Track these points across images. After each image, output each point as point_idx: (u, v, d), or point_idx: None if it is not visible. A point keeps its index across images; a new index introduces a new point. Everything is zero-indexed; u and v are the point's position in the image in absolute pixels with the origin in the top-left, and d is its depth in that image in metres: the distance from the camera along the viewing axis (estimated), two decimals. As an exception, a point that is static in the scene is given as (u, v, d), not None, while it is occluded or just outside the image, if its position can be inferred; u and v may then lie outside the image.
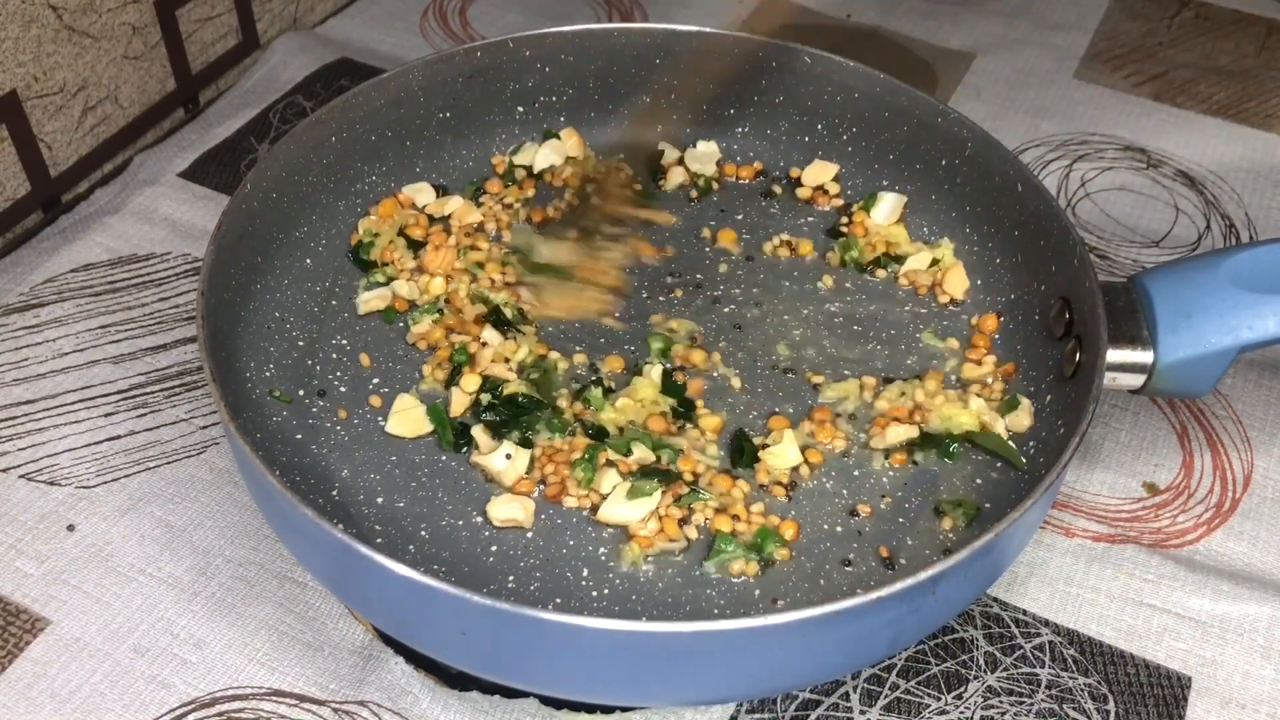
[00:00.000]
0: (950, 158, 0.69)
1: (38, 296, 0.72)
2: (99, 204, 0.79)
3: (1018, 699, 0.56)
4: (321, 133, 0.67)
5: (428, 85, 0.70)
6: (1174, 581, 0.61)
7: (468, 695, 0.55)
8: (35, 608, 0.58)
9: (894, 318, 0.66)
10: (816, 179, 0.73)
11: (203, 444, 0.65)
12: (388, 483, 0.58)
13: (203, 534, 0.61)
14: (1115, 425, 0.68)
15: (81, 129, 0.80)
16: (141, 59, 0.83)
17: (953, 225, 0.70)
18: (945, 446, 0.60)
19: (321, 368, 0.63)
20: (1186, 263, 0.59)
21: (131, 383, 0.68)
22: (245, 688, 0.55)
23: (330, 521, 0.47)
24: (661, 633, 0.46)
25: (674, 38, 0.73)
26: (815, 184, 0.73)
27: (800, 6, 0.99)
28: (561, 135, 0.74)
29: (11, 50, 0.73)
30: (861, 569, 0.55)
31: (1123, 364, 0.58)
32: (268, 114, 0.85)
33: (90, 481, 0.63)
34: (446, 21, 0.97)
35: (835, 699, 0.56)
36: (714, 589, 0.54)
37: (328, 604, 0.59)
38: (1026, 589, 0.60)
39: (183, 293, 0.73)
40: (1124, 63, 0.95)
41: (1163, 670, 0.58)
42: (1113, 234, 0.80)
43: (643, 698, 0.53)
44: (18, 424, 0.65)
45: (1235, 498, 0.65)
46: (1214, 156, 0.86)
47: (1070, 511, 0.64)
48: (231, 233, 0.60)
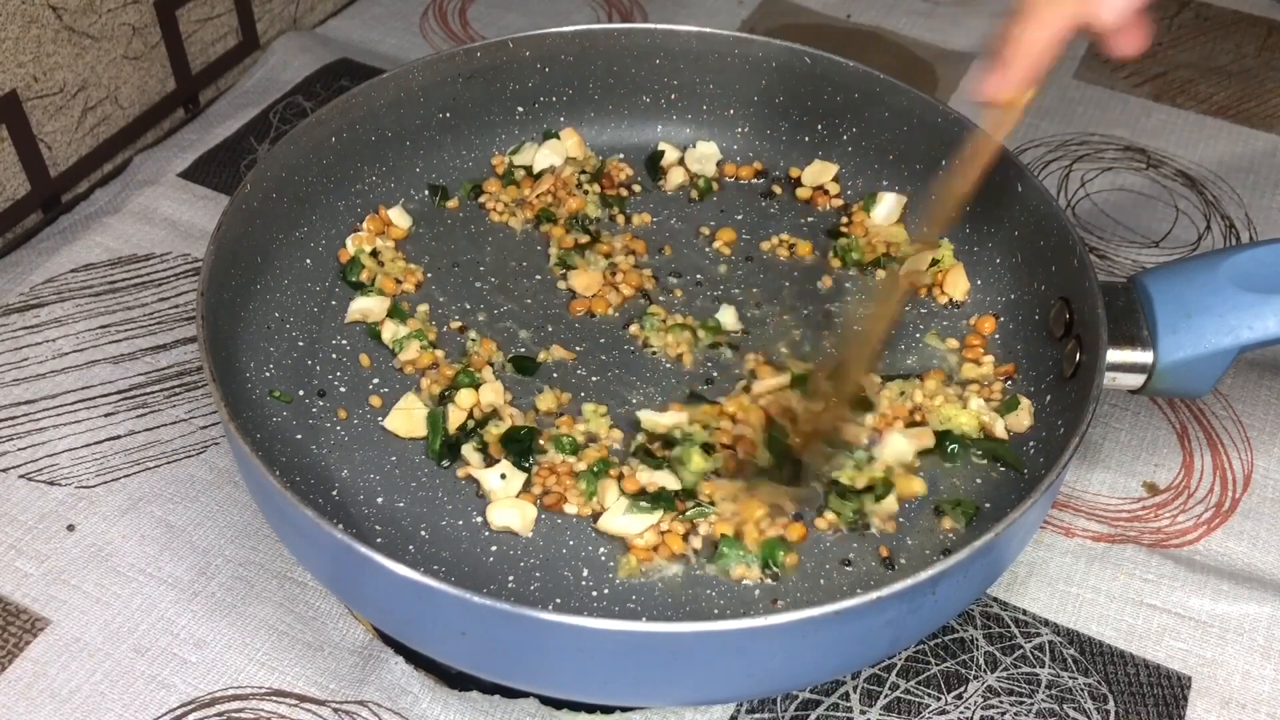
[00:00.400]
0: (950, 158, 0.69)
1: (38, 296, 0.72)
2: (99, 204, 0.79)
3: (1018, 699, 0.56)
4: (321, 133, 0.67)
5: (428, 85, 0.70)
6: (1174, 581, 0.61)
7: (468, 695, 0.55)
8: (35, 608, 0.58)
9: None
10: (816, 179, 0.73)
11: (203, 444, 0.65)
12: (388, 483, 0.58)
13: (203, 534, 0.61)
14: (1115, 425, 0.68)
15: (81, 129, 0.80)
16: (141, 59, 0.83)
17: (953, 225, 0.70)
18: (945, 448, 0.60)
19: (321, 368, 0.62)
20: (1186, 263, 0.59)
21: (131, 383, 0.68)
22: (245, 688, 0.55)
23: (330, 521, 0.47)
24: (661, 633, 0.46)
25: (674, 38, 0.73)
26: (815, 184, 0.73)
27: (800, 6, 0.99)
28: (561, 135, 0.74)
29: (11, 50, 0.73)
30: (861, 569, 0.55)
31: (1123, 364, 0.58)
32: (268, 114, 0.85)
33: (90, 481, 0.63)
34: (446, 21, 0.97)
35: (835, 699, 0.56)
36: (714, 589, 0.54)
37: (328, 604, 0.59)
38: (1026, 589, 0.60)
39: (183, 293, 0.73)
40: (1124, 63, 0.95)
41: (1163, 670, 0.58)
42: (1113, 234, 0.80)
43: (643, 698, 0.53)
44: (18, 424, 0.65)
45: (1235, 498, 0.65)
46: (1214, 156, 0.86)
47: (1070, 511, 0.64)
48: (231, 233, 0.60)
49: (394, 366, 0.63)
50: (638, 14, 0.99)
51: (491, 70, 0.72)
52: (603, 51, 0.73)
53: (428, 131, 0.72)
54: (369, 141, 0.70)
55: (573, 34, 0.72)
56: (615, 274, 0.67)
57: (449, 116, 0.72)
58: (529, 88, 0.74)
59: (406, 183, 0.72)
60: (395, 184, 0.71)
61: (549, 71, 0.73)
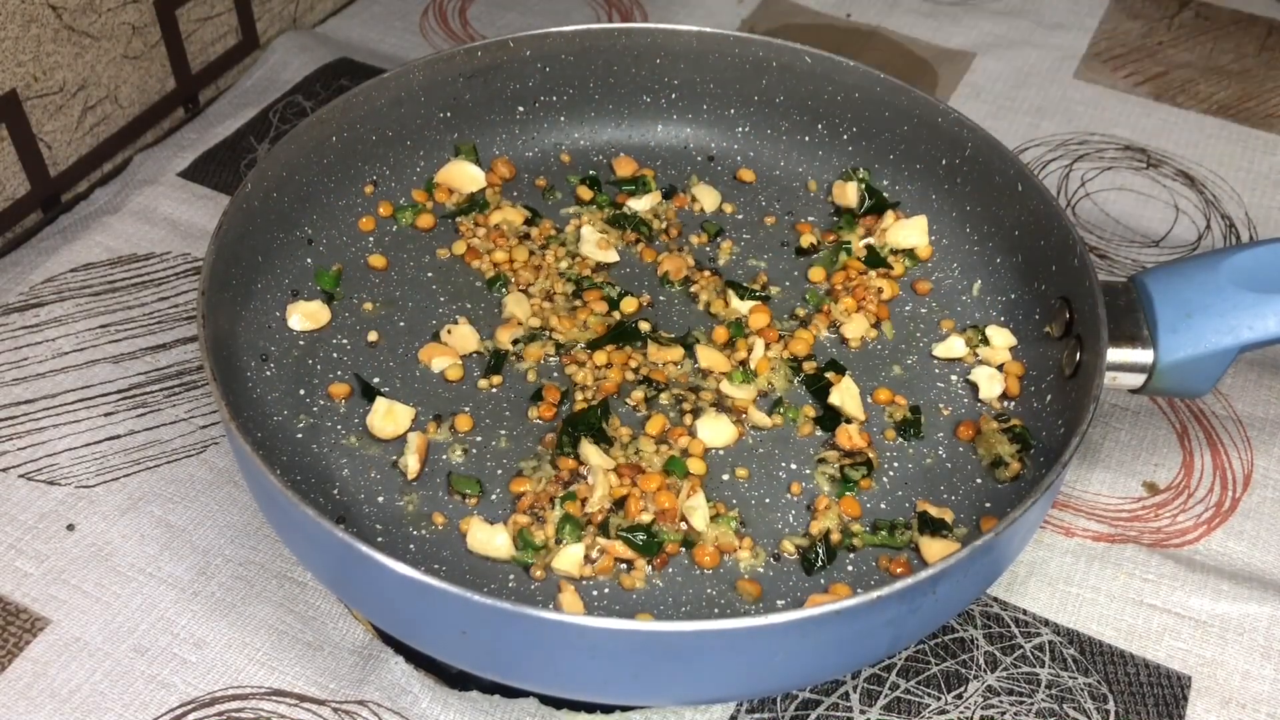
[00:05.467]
0: (950, 158, 0.69)
1: (38, 296, 0.72)
2: (99, 204, 0.79)
3: (1018, 699, 0.56)
4: (321, 133, 0.67)
5: (428, 85, 0.70)
6: (1174, 581, 0.61)
7: (468, 695, 0.55)
8: (35, 607, 0.58)
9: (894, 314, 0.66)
10: (904, 240, 0.69)
11: (203, 444, 0.65)
12: (388, 482, 0.58)
13: (203, 534, 0.61)
14: (1115, 425, 0.68)
15: (81, 129, 0.80)
16: (141, 59, 0.83)
17: (953, 225, 0.70)
18: (917, 422, 0.60)
19: (322, 367, 0.62)
20: (1186, 262, 0.59)
21: (131, 382, 0.68)
22: (245, 687, 0.55)
23: (330, 521, 0.47)
24: (661, 632, 0.46)
25: (674, 38, 0.73)
26: (904, 246, 0.69)
27: (800, 6, 0.99)
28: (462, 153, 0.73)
29: (11, 50, 0.73)
30: (861, 568, 0.55)
31: (1123, 364, 0.58)
32: (268, 114, 0.86)
33: (90, 481, 0.63)
34: (446, 21, 0.97)
35: (835, 699, 0.56)
36: (714, 589, 0.54)
37: (328, 604, 0.59)
38: (1026, 589, 0.60)
39: (183, 293, 0.73)
40: (1124, 62, 0.95)
41: (1163, 670, 0.58)
42: (1113, 234, 0.80)
43: (643, 698, 0.53)
44: (17, 424, 0.65)
45: (1235, 497, 0.65)
46: (1214, 156, 0.86)
47: (1070, 511, 0.64)
48: (231, 233, 0.60)
49: (404, 345, 0.63)
50: (638, 14, 0.99)
51: (491, 70, 0.72)
52: (603, 51, 0.73)
53: (428, 131, 0.72)
54: (369, 141, 0.70)
55: (573, 34, 0.72)
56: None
57: (449, 116, 0.72)
58: (529, 88, 0.74)
59: (407, 183, 0.72)
60: (395, 184, 0.71)
61: (549, 71, 0.73)
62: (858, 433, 0.60)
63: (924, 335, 0.65)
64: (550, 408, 0.60)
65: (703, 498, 0.56)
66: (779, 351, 0.63)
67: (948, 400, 0.62)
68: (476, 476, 0.58)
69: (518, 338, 0.63)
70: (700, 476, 0.57)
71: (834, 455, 0.59)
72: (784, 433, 0.60)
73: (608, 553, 0.54)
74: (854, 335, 0.64)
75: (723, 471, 0.58)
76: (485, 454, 0.59)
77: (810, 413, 0.61)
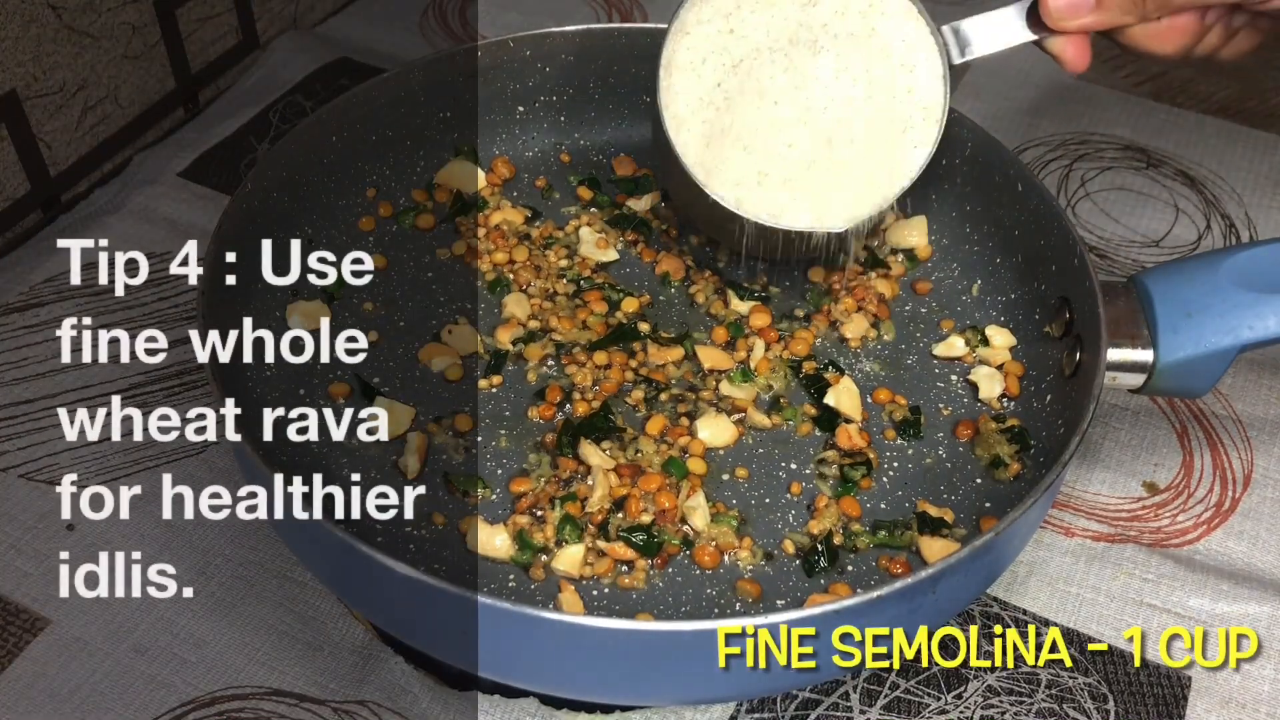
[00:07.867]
0: (950, 158, 0.69)
1: (37, 296, 0.72)
2: (99, 203, 0.79)
3: (1018, 699, 0.56)
4: (322, 132, 0.67)
5: (428, 85, 0.70)
6: (1174, 581, 0.61)
7: (468, 695, 0.55)
8: (35, 607, 0.58)
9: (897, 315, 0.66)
10: (902, 239, 0.69)
11: (203, 444, 0.65)
12: (388, 483, 0.58)
13: (203, 534, 0.61)
14: (1115, 425, 0.68)
15: (81, 128, 0.80)
16: (141, 58, 0.83)
17: (952, 225, 0.70)
18: (916, 422, 0.60)
19: (323, 367, 0.62)
20: (1186, 262, 0.59)
21: (131, 382, 0.67)
22: (245, 687, 0.55)
23: (330, 520, 0.47)
24: (661, 632, 0.46)
25: (674, 37, 0.73)
26: (904, 246, 0.69)
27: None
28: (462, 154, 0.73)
29: (11, 50, 0.73)
30: (861, 568, 0.55)
31: (1123, 363, 0.58)
32: (268, 114, 0.85)
33: (90, 481, 0.63)
34: (446, 21, 0.97)
35: (835, 699, 0.56)
36: (714, 589, 0.54)
37: (328, 604, 0.59)
38: (1026, 589, 0.60)
39: (183, 292, 0.73)
40: (1124, 63, 0.95)
41: (1163, 670, 0.58)
42: (1113, 234, 0.80)
43: (643, 698, 0.53)
44: (17, 423, 0.65)
45: (1235, 497, 0.65)
46: (1214, 156, 0.86)
47: (1070, 511, 0.64)
48: (231, 233, 0.60)
49: (403, 345, 0.63)
50: (638, 14, 0.99)
51: (491, 70, 0.72)
52: (603, 51, 0.73)
53: (428, 131, 0.72)
54: (369, 141, 0.70)
55: (573, 34, 0.72)
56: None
57: (449, 116, 0.72)
58: (529, 87, 0.74)
59: (407, 182, 0.72)
60: (396, 184, 0.71)
61: (549, 71, 0.73)
62: (857, 433, 0.60)
63: (924, 335, 0.65)
64: (550, 407, 0.60)
65: (703, 498, 0.56)
66: (779, 351, 0.63)
67: (947, 400, 0.62)
68: (477, 476, 0.58)
69: (518, 338, 0.63)
70: (700, 476, 0.57)
71: (834, 455, 0.59)
72: (784, 433, 0.60)
73: (608, 554, 0.54)
74: (854, 335, 0.64)
75: (723, 471, 0.58)
76: (485, 454, 0.59)
77: (810, 412, 0.61)
